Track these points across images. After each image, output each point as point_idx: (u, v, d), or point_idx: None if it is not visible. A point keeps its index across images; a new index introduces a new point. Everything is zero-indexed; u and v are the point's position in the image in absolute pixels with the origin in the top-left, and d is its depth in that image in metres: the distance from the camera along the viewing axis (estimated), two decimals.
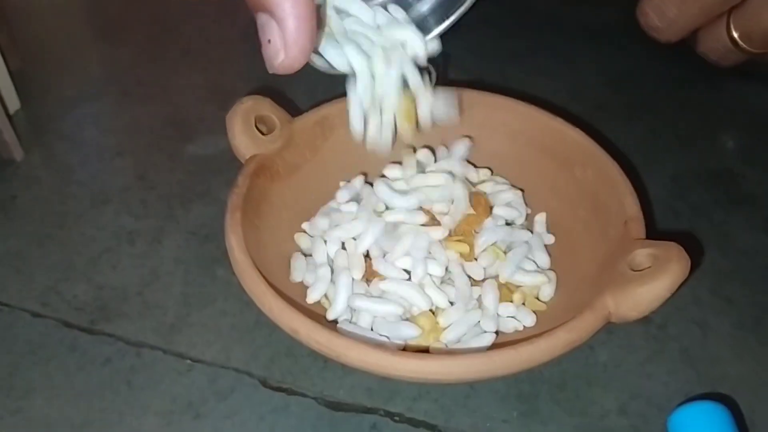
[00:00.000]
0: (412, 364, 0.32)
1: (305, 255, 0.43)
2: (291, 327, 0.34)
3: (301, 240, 0.43)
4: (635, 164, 0.51)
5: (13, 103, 0.58)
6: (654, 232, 0.38)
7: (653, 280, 0.33)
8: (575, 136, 0.43)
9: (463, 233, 0.42)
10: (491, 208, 0.43)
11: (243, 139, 0.42)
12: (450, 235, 0.41)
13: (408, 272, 0.40)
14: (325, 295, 0.41)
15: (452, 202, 0.42)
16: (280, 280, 0.39)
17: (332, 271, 0.41)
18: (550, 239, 0.43)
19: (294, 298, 0.38)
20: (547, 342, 0.32)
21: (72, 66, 0.64)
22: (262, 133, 0.43)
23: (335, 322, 0.39)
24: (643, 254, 0.35)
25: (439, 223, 0.41)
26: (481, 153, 0.47)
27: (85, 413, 0.39)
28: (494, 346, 0.38)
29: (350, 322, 0.39)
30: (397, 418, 0.38)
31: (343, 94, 0.44)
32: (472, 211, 0.42)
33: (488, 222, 0.42)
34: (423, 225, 0.41)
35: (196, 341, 0.42)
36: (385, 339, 0.38)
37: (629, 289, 0.33)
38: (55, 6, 0.72)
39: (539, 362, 0.32)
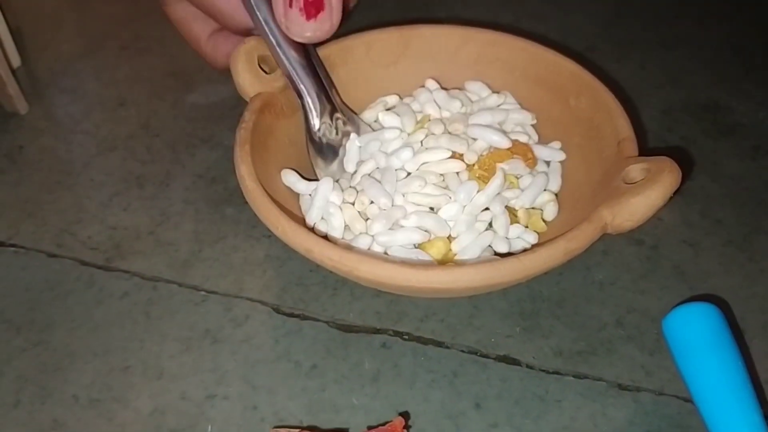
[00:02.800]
0: (422, 275, 0.34)
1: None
2: (305, 246, 0.35)
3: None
4: (626, 100, 0.52)
5: (15, 60, 0.58)
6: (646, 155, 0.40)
7: (646, 190, 0.35)
8: (569, 66, 0.45)
9: (487, 168, 0.42)
10: (533, 159, 0.43)
11: (247, 77, 0.43)
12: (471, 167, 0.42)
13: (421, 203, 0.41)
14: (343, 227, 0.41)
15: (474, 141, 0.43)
16: (290, 212, 0.41)
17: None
18: (562, 157, 0.44)
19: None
20: (548, 251, 0.34)
21: (68, 23, 0.65)
22: (266, 72, 0.44)
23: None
24: (636, 169, 0.37)
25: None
26: None
27: (106, 342, 0.40)
28: None
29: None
30: (406, 337, 0.40)
31: (343, 34, 0.46)
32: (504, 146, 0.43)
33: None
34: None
35: (209, 274, 0.44)
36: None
37: (624, 200, 0.35)
38: None
39: (542, 270, 0.34)
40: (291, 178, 0.42)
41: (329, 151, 0.45)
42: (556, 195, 0.43)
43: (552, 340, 0.40)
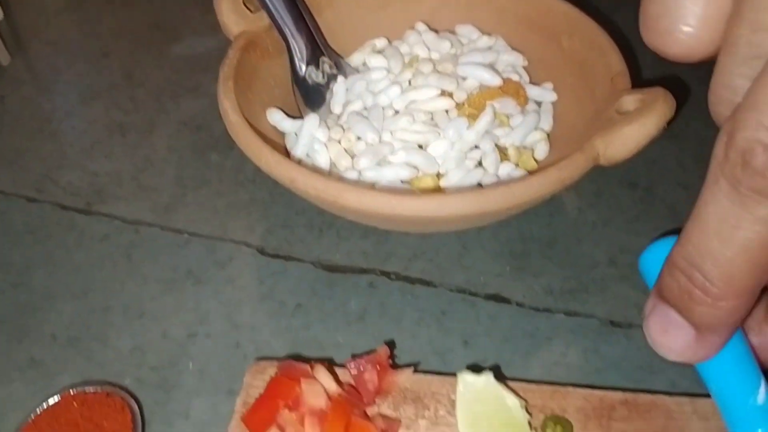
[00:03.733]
0: (408, 203, 0.33)
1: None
2: (289, 176, 0.34)
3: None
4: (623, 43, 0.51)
5: None
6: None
7: (640, 118, 0.34)
8: (560, 6, 0.44)
9: (477, 106, 0.41)
10: (525, 97, 0.42)
11: (231, 16, 0.42)
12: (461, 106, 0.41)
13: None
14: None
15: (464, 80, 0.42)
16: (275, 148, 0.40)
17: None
18: (553, 97, 0.43)
19: None
20: (539, 179, 0.33)
21: None
22: (251, 11, 0.43)
23: None
24: (629, 100, 0.36)
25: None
26: None
27: (86, 283, 0.39)
28: None
29: None
30: (393, 277, 0.39)
31: None
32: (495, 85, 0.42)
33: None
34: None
35: (193, 218, 0.43)
36: None
37: (617, 130, 0.34)
38: None
39: (532, 198, 0.33)
40: (276, 117, 0.41)
41: (316, 94, 0.44)
42: (548, 135, 0.42)
43: (542, 279, 0.39)
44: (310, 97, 0.43)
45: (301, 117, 0.42)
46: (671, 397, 0.31)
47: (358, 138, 0.39)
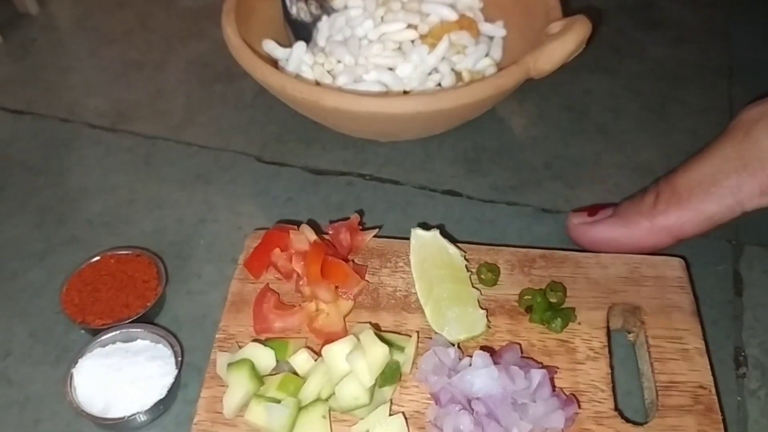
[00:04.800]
0: (376, 102, 0.41)
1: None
2: (280, 83, 0.42)
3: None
4: None
5: None
6: None
7: (562, 37, 0.42)
8: None
9: (437, 37, 0.48)
10: (477, 30, 0.50)
11: None
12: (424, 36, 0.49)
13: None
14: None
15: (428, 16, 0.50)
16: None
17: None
18: (503, 32, 0.51)
19: None
20: (482, 84, 0.41)
21: None
22: None
23: None
24: (556, 25, 0.44)
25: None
26: None
27: (113, 183, 0.48)
28: None
29: None
30: (368, 177, 0.48)
31: None
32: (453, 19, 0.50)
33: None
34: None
35: (201, 134, 0.51)
36: None
37: (544, 46, 0.42)
38: None
39: (476, 99, 0.41)
40: (269, 46, 0.49)
41: (304, 31, 0.52)
42: (496, 63, 0.50)
43: (490, 179, 0.48)
44: (298, 32, 0.51)
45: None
46: (581, 253, 0.40)
47: (338, 61, 0.47)
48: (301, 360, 0.34)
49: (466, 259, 0.38)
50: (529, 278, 0.38)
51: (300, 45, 0.48)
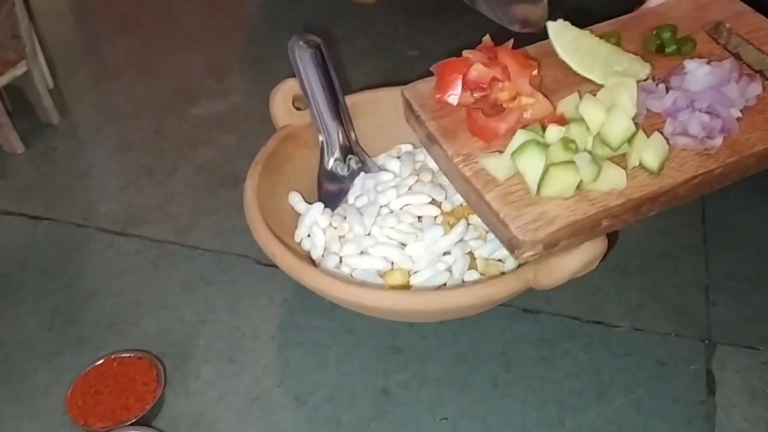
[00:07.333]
0: (349, 290, 0.40)
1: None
2: (269, 250, 0.43)
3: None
4: None
5: (49, 82, 0.71)
6: None
7: (569, 253, 0.38)
8: None
9: (459, 217, 0.48)
10: None
11: (279, 111, 0.51)
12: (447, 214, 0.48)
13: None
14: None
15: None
16: (283, 226, 0.47)
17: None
18: None
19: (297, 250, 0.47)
20: (466, 291, 0.40)
21: (94, 54, 0.77)
22: (298, 109, 0.52)
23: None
24: None
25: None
26: None
27: (122, 285, 0.51)
28: None
29: (337, 268, 0.46)
30: None
31: (374, 86, 0.55)
32: None
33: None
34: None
35: (205, 237, 0.55)
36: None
37: (546, 261, 0.39)
38: (74, 7, 0.86)
39: (458, 306, 0.40)
40: (294, 198, 0.50)
41: (337, 183, 0.52)
42: None
43: None
44: (331, 185, 0.51)
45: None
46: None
47: (350, 228, 0.47)
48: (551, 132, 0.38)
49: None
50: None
51: (317, 207, 0.49)
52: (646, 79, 0.42)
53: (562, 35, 0.43)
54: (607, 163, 0.37)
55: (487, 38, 0.44)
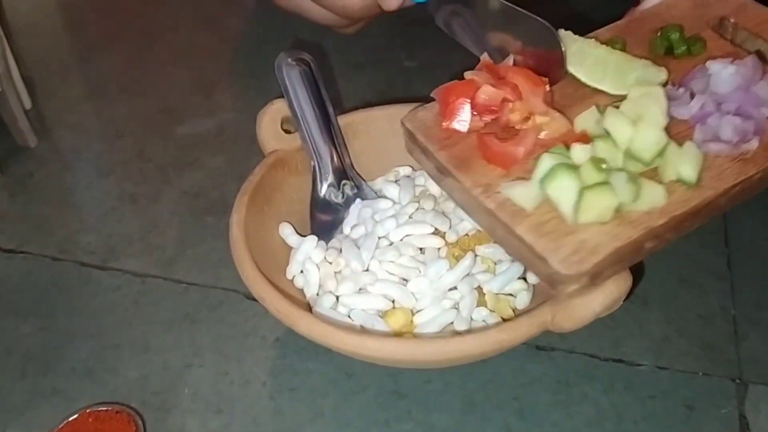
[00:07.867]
0: (353, 340, 0.36)
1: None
2: (258, 294, 0.39)
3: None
4: None
5: (26, 102, 0.67)
6: None
7: (589, 295, 0.35)
8: None
9: (465, 249, 0.43)
10: None
11: (267, 135, 0.47)
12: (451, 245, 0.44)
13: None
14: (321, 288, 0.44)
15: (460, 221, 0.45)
16: (274, 262, 0.44)
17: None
18: None
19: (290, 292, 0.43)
20: (475, 338, 0.36)
21: (74, 72, 0.73)
22: (288, 132, 0.48)
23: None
24: None
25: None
26: None
27: (100, 326, 0.47)
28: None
29: (333, 309, 0.42)
30: None
31: (368, 104, 0.50)
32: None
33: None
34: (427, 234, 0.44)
35: (191, 270, 0.51)
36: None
37: (566, 302, 0.35)
38: (53, 23, 0.82)
39: (467, 354, 0.36)
40: (285, 231, 0.46)
41: (331, 212, 0.48)
42: (533, 285, 0.43)
43: None
44: (325, 214, 0.47)
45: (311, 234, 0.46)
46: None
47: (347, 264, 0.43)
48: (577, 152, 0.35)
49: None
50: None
51: (310, 240, 0.44)
52: (664, 85, 0.39)
53: (565, 46, 0.40)
54: (644, 180, 0.34)
55: (485, 56, 0.41)
